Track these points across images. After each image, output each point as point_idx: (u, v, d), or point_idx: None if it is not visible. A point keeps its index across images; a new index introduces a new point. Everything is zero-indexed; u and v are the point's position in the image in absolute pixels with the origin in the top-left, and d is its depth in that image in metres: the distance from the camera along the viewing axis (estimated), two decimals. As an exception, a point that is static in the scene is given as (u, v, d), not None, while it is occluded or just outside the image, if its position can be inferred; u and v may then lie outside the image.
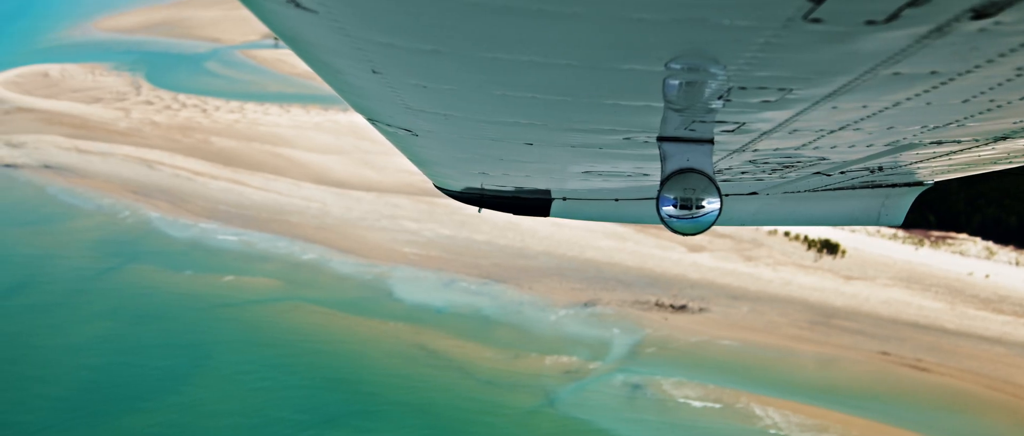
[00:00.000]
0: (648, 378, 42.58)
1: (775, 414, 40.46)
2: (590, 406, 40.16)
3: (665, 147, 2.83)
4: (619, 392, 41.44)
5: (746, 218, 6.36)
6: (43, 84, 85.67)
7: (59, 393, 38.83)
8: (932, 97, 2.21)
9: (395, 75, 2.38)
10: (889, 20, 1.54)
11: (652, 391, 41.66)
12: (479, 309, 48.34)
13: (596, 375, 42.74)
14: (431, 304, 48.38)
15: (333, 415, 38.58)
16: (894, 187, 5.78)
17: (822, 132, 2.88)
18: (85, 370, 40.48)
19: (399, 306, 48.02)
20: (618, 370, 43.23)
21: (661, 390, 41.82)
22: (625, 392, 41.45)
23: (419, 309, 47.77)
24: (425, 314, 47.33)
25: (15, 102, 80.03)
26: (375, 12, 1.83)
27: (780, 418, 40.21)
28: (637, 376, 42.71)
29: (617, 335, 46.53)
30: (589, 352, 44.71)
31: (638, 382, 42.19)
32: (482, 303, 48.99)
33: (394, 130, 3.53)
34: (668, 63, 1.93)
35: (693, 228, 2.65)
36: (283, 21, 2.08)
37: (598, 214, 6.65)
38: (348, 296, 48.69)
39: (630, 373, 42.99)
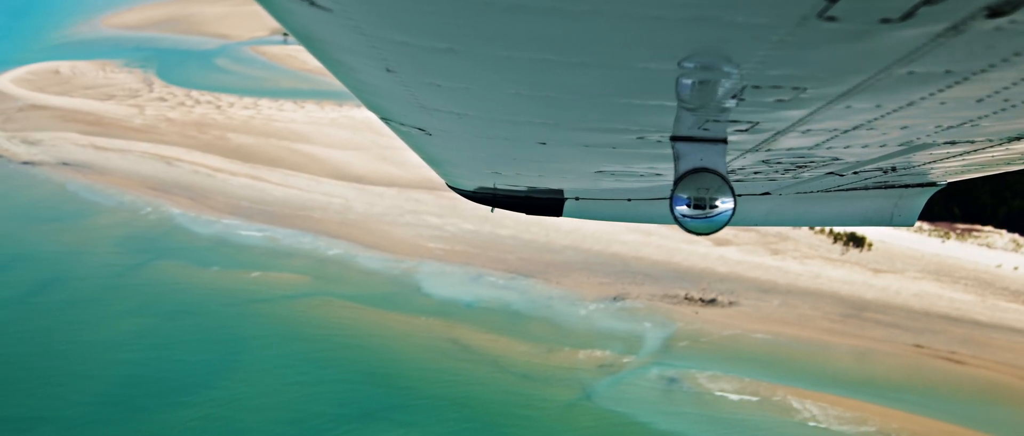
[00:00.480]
0: (683, 372, 42.79)
1: (813, 407, 40.69)
2: (628, 400, 40.38)
3: (678, 147, 2.84)
4: (655, 386, 41.66)
5: (758, 218, 6.40)
6: (54, 81, 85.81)
7: (99, 388, 39.04)
8: (946, 96, 2.20)
9: (409, 73, 2.39)
10: (904, 18, 1.54)
11: (688, 385, 41.88)
12: (508, 303, 48.54)
13: (631, 369, 42.94)
14: (460, 299, 48.58)
15: (372, 409, 38.80)
16: (907, 188, 5.81)
17: (836, 132, 2.89)
18: (123, 365, 40.69)
19: (429, 301, 48.21)
20: (653, 364, 43.44)
21: (697, 384, 42.04)
22: (661, 386, 41.67)
23: (449, 304, 47.97)
24: (455, 309, 47.53)
25: (28, 99, 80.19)
26: (390, 10, 1.84)
27: (818, 411, 40.44)
28: (672, 370, 42.93)
29: (649, 329, 46.74)
30: (622, 346, 44.91)
31: (674, 376, 42.41)
32: (511, 298, 49.18)
33: (407, 129, 3.55)
34: (682, 62, 1.94)
35: (707, 228, 2.66)
36: (298, 19, 2.10)
37: (610, 214, 6.69)
38: (377, 291, 48.88)
39: (665, 367, 43.20)
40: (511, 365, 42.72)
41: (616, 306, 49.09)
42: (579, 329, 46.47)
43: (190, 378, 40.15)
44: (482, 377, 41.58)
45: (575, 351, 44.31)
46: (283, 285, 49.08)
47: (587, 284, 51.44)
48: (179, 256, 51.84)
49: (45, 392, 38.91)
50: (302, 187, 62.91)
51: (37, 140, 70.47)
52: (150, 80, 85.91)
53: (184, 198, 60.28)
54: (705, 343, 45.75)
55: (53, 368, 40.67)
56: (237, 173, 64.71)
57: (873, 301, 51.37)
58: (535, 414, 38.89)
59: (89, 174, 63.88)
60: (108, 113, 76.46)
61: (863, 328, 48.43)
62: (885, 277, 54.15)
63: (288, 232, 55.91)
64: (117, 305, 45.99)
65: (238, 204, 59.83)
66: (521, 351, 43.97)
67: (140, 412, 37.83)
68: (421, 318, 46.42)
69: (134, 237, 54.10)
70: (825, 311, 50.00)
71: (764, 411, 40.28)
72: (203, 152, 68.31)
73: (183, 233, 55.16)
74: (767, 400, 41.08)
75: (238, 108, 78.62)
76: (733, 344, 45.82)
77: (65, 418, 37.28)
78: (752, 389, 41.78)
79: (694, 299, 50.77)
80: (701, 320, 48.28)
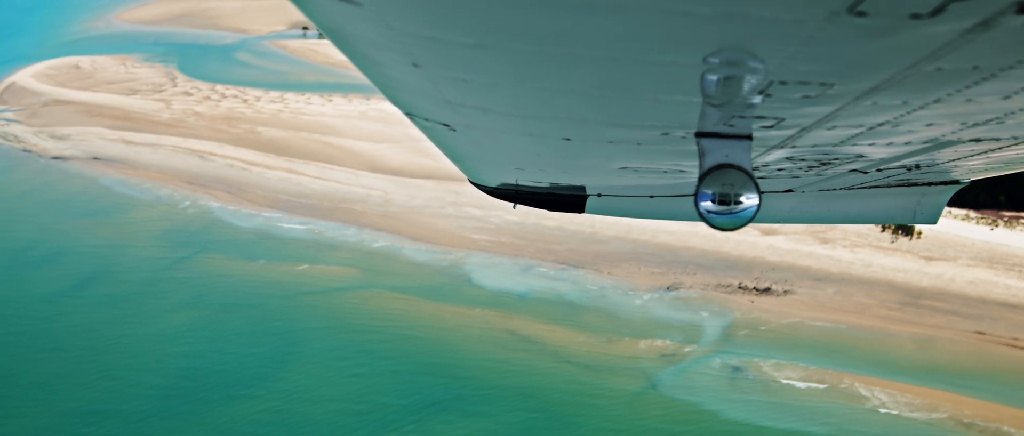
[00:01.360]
0: (747, 360, 42.81)
1: (882, 394, 40.70)
2: (694, 388, 40.41)
3: (704, 143, 2.84)
4: (720, 374, 41.68)
5: (781, 216, 6.42)
6: (76, 76, 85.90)
7: (157, 381, 39.09)
8: (973, 93, 2.20)
9: (436, 68, 2.41)
10: (934, 13, 1.54)
11: (753, 373, 41.90)
12: (562, 294, 48.56)
13: (693, 358, 42.96)
14: (513, 290, 48.60)
15: (435, 399, 38.83)
16: (930, 185, 5.79)
17: (861, 128, 2.90)
18: (179, 358, 40.74)
19: (481, 292, 48.23)
20: (715, 353, 43.46)
21: (762, 372, 42.06)
22: (726, 374, 41.69)
23: (501, 295, 47.99)
24: (508, 300, 47.56)
25: (51, 94, 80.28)
26: (419, 5, 1.86)
27: (887, 398, 40.46)
28: (735, 358, 42.95)
29: (706, 318, 46.75)
30: (682, 335, 44.93)
31: (737, 364, 42.43)
32: (563, 288, 49.20)
33: (432, 124, 3.56)
34: (709, 57, 1.95)
35: (732, 223, 2.65)
36: (326, 13, 2.12)
37: (633, 211, 6.72)
38: (427, 283, 48.92)
39: (727, 355, 43.22)
40: (572, 355, 42.75)
41: (671, 296, 49.11)
42: (636, 319, 46.49)
43: (249, 371, 40.19)
44: (544, 367, 41.60)
45: (635, 341, 44.33)
46: (332, 278, 49.12)
47: (639, 274, 51.46)
48: (223, 249, 51.89)
49: (104, 386, 38.98)
50: (340, 180, 62.94)
51: (65, 135, 70.53)
52: (173, 75, 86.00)
53: (222, 192, 60.32)
54: (765, 331, 45.76)
55: (109, 362, 40.73)
56: (272, 167, 64.75)
57: (928, 289, 51.37)
58: (603, 403, 38.92)
59: (122, 169, 63.93)
60: (134, 108, 76.52)
61: (921, 315, 48.44)
62: (938, 265, 54.14)
63: (330, 225, 55.95)
64: (166, 299, 46.04)
65: (276, 197, 59.88)
66: (580, 341, 43.99)
67: (202, 405, 37.87)
68: (475, 309, 46.44)
69: (176, 231, 54.15)
70: (881, 299, 50.00)
71: (832, 399, 40.29)
72: (235, 146, 68.36)
73: (224, 227, 55.20)
74: (834, 388, 41.09)
75: (265, 102, 78.64)
76: (793, 332, 45.84)
77: (128, 411, 37.33)
78: (818, 377, 41.79)
79: (748, 288, 50.78)
80: (757, 309, 48.29)
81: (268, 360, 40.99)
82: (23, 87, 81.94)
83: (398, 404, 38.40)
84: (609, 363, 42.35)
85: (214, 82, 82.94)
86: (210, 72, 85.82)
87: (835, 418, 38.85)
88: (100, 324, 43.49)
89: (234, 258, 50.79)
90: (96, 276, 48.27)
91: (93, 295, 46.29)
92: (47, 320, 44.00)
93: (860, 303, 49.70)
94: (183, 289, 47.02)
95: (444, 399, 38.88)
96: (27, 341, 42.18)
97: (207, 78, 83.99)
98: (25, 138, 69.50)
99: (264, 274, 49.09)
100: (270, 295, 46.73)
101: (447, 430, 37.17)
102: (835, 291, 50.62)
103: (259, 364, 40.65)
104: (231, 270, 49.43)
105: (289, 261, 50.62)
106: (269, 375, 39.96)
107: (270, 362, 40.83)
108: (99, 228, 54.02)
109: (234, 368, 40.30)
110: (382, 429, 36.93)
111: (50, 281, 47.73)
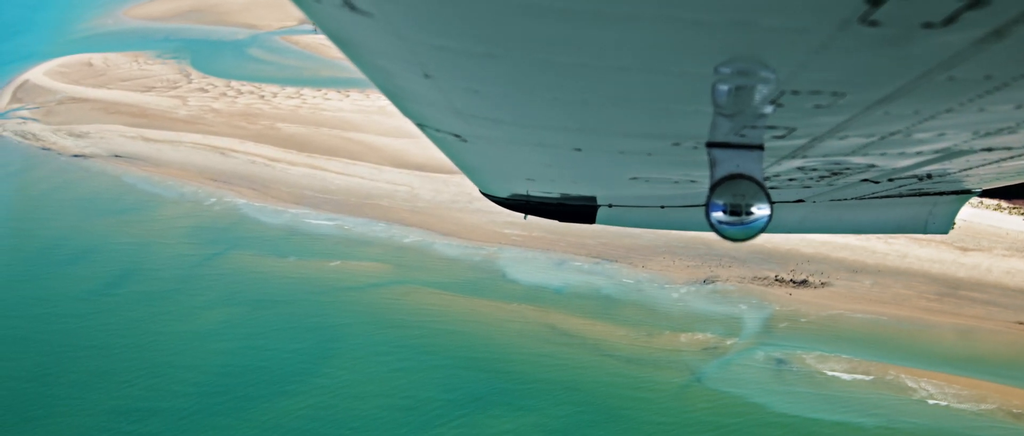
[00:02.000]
0: (790, 353, 43.05)
1: (928, 385, 40.96)
2: (740, 381, 40.65)
3: (715, 153, 2.84)
4: (764, 367, 41.91)
5: (792, 226, 6.44)
6: (89, 73, 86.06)
7: (199, 378, 39.27)
8: (985, 102, 2.22)
9: (447, 78, 2.42)
10: (947, 23, 1.55)
11: (797, 365, 42.13)
12: (598, 288, 48.77)
13: (736, 351, 43.21)
14: (548, 284, 48.81)
15: (481, 393, 39.04)
16: (941, 195, 5.83)
17: (873, 138, 2.91)
18: (219, 355, 40.91)
19: (516, 287, 48.44)
20: (757, 346, 43.70)
21: (806, 364, 42.30)
22: (770, 367, 41.93)
23: (537, 289, 48.20)
24: (545, 294, 47.77)
25: (66, 92, 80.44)
26: (430, 14, 1.87)
27: (934, 389, 40.72)
28: (778, 351, 43.19)
29: (745, 311, 46.99)
30: (722, 328, 45.17)
31: (781, 357, 42.67)
32: (599, 282, 49.42)
33: (443, 135, 3.58)
34: (720, 67, 1.96)
35: (743, 234, 2.66)
36: (337, 23, 2.12)
37: (644, 221, 6.72)
38: (462, 278, 49.13)
39: (770, 348, 43.46)
40: (614, 349, 42.98)
41: (708, 289, 49.34)
42: (675, 312, 46.72)
43: (290, 367, 40.38)
44: (587, 361, 41.82)
45: (676, 334, 44.55)
46: (365, 273, 49.31)
47: (674, 267, 51.68)
48: (253, 246, 52.08)
49: (146, 383, 39.17)
50: (364, 176, 63.13)
51: (84, 133, 70.68)
52: (187, 71, 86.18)
53: (246, 188, 60.49)
54: (805, 324, 46.00)
55: (149, 359, 40.92)
56: (295, 163, 64.95)
57: (966, 279, 51.61)
58: (650, 396, 39.15)
59: (144, 166, 64.09)
60: (151, 105, 76.68)
61: (961, 306, 48.67)
62: (973, 255, 54.39)
63: (359, 221, 56.14)
64: (200, 296, 46.22)
65: (302, 194, 60.07)
66: (621, 335, 44.22)
67: (246, 401, 38.06)
68: (513, 304, 46.65)
69: (203, 228, 54.33)
70: (919, 290, 50.24)
71: (879, 390, 40.54)
72: (256, 142, 68.54)
73: (252, 223, 55.38)
74: (880, 379, 41.34)
75: (282, 98, 78.82)
76: (834, 324, 46.07)
77: (173, 409, 37.52)
78: (863, 369, 42.04)
79: (785, 280, 51.01)
80: (796, 301, 48.52)
81: (309, 356, 41.18)
82: (37, 85, 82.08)
83: (443, 398, 38.61)
84: (652, 356, 42.58)
85: (229, 78, 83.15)
86: (224, 68, 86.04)
87: (884, 409, 39.10)
88: (136, 322, 43.67)
89: (265, 255, 50.98)
90: (128, 274, 48.45)
91: (127, 293, 46.46)
92: (82, 318, 44.19)
93: (898, 294, 49.96)
94: (216, 286, 47.20)
95: (489, 393, 39.10)
96: (64, 339, 42.36)
97: (221, 74, 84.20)
98: (44, 136, 69.65)
99: (297, 271, 49.28)
100: (305, 291, 46.92)
101: (495, 424, 37.40)
102: (872, 283, 50.86)
103: (300, 360, 40.84)
104: (263, 267, 49.63)
105: (320, 257, 50.80)
106: (311, 371, 40.16)
107: (311, 358, 41.03)
108: (127, 226, 54.19)
109: (275, 364, 40.49)
110: (430, 423, 37.15)
111: (82, 279, 47.90)
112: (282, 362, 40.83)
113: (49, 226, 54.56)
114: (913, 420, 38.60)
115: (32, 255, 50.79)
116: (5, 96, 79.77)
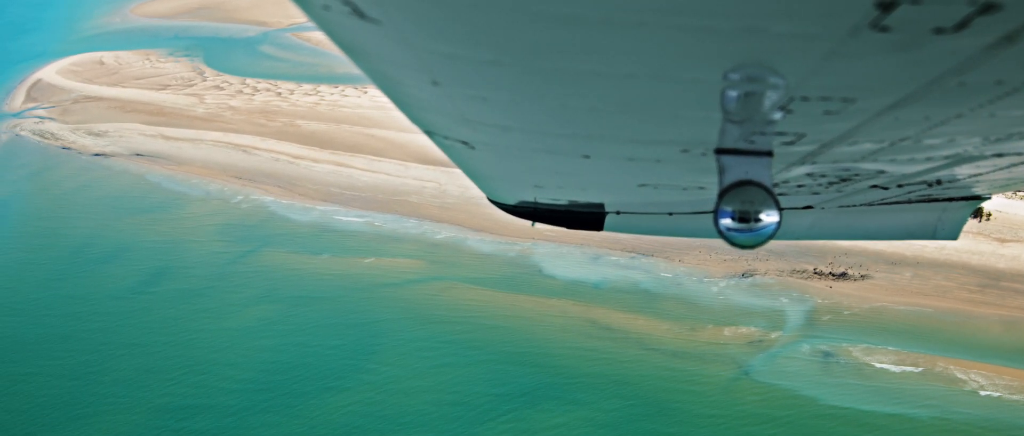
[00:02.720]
0: (836, 346, 43.44)
1: (978, 377, 41.36)
2: (788, 374, 41.02)
3: (723, 159, 2.87)
4: (811, 360, 42.30)
5: (801, 232, 6.52)
6: (102, 72, 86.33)
7: (244, 375, 39.60)
8: (996, 108, 2.24)
9: (455, 86, 2.45)
10: (958, 28, 1.57)
11: (844, 358, 42.52)
12: (636, 283, 49.14)
13: (782, 344, 43.59)
14: (586, 279, 49.17)
15: (529, 389, 39.38)
16: (951, 201, 5.91)
17: (882, 144, 2.94)
18: (262, 352, 41.26)
19: (554, 282, 48.80)
20: (802, 339, 44.09)
21: (853, 357, 42.69)
22: (818, 360, 42.31)
23: (575, 285, 48.56)
24: (584, 289, 48.13)
25: (80, 91, 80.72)
26: (439, 22, 1.90)
27: (985, 381, 41.12)
28: (824, 344, 43.57)
29: (787, 304, 47.38)
30: (765, 322, 45.55)
31: (827, 350, 43.05)
32: (637, 277, 49.79)
33: (451, 142, 3.62)
34: (730, 73, 1.98)
35: (752, 241, 2.67)
36: (345, 31, 2.15)
37: (652, 228, 6.77)
38: (498, 274, 49.47)
39: (815, 341, 43.84)
40: (658, 344, 43.34)
41: (747, 282, 49.73)
42: (716, 306, 47.10)
43: (335, 363, 40.73)
44: (632, 356, 42.18)
45: (719, 328, 44.93)
46: (401, 270, 49.65)
47: (710, 261, 52.07)
48: (284, 244, 52.42)
49: (191, 380, 39.49)
50: (390, 172, 63.44)
51: (102, 131, 70.97)
52: (200, 69, 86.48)
53: (272, 186, 60.82)
54: (849, 316, 46.40)
55: (192, 356, 41.25)
56: (319, 160, 65.27)
57: (1006, 271, 52.05)
58: (699, 389, 39.53)
59: (167, 164, 64.41)
60: (167, 103, 76.97)
61: (1004, 298, 49.11)
62: (1012, 247, 54.84)
63: (389, 218, 56.48)
64: (238, 293, 46.56)
65: (329, 191, 60.39)
66: (664, 329, 44.59)
67: (294, 397, 38.40)
68: (552, 300, 47.01)
69: (233, 226, 54.66)
70: (960, 282, 50.68)
71: (930, 382, 40.93)
72: (277, 140, 68.87)
73: (281, 221, 55.72)
74: (929, 371, 41.73)
75: (299, 95, 79.12)
76: (878, 317, 46.48)
77: (221, 405, 37.84)
78: (911, 361, 42.44)
79: (824, 273, 51.44)
80: (837, 294, 48.93)
81: (353, 352, 41.52)
82: (50, 84, 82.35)
83: (492, 393, 38.95)
84: (697, 350, 42.95)
85: (243, 76, 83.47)
86: (238, 66, 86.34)
87: (936, 401, 39.49)
88: (176, 319, 44.00)
89: (297, 252, 51.32)
90: (163, 272, 48.79)
91: (164, 291, 46.80)
92: (121, 316, 44.53)
93: (940, 286, 50.39)
94: (253, 283, 47.54)
95: (537, 388, 39.45)
96: (106, 337, 42.70)
97: (236, 72, 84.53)
98: (62, 135, 69.94)
99: (331, 267, 49.62)
100: (342, 288, 47.26)
101: (546, 418, 37.75)
102: (912, 275, 51.30)
103: (345, 356, 41.19)
104: (297, 264, 49.96)
105: (354, 254, 51.14)
106: (357, 367, 40.50)
107: (355, 354, 41.37)
108: (156, 224, 54.52)
109: (320, 361, 40.84)
110: (481, 418, 37.50)
111: (117, 278, 48.24)
112: (326, 358, 41.17)
113: (78, 225, 54.89)
114: (967, 411, 39.01)
115: (65, 254, 51.14)
116: (19, 95, 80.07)
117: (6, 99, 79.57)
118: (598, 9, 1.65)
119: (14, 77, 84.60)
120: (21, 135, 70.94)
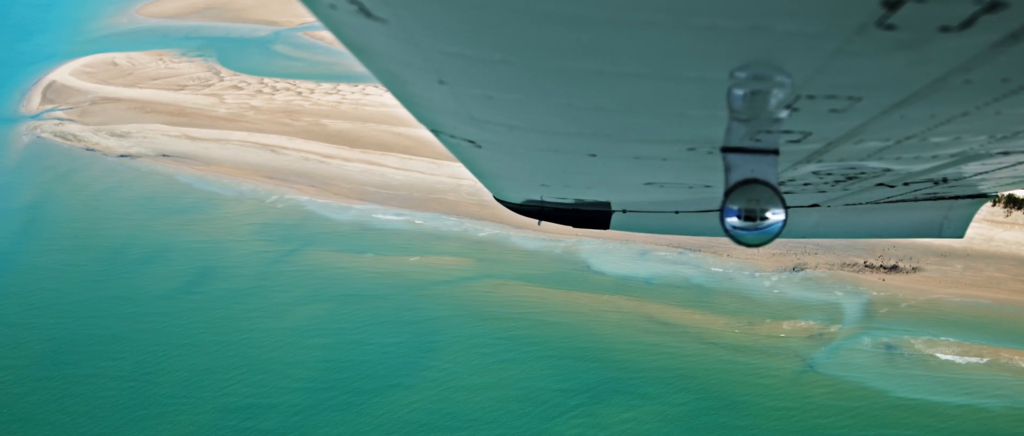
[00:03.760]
0: (897, 338, 43.95)
1: (1044, 366, 41.91)
2: (853, 367, 41.51)
3: (730, 158, 2.92)
4: (875, 352, 42.80)
5: (806, 230, 6.63)
6: (116, 73, 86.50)
7: (305, 373, 39.88)
8: (1002, 106, 2.28)
9: (462, 85, 2.49)
10: (964, 26, 1.60)
11: (907, 350, 43.04)
12: (687, 278, 49.59)
13: (843, 338, 44.08)
14: (636, 275, 49.60)
15: (593, 384, 39.77)
16: (957, 199, 6.02)
17: (888, 142, 2.99)
18: (318, 350, 41.55)
19: (604, 279, 49.22)
20: (862, 332, 44.59)
21: (915, 349, 43.20)
22: (881, 352, 42.81)
23: (626, 281, 48.99)
24: (635, 285, 48.55)
25: (97, 92, 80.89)
26: (446, 21, 1.93)
27: (1051, 370, 41.67)
28: (885, 336, 44.08)
29: (842, 297, 47.90)
30: (823, 315, 46.05)
31: (889, 342, 43.55)
32: (687, 272, 50.24)
33: (457, 141, 3.66)
34: (736, 72, 2.02)
35: (758, 239, 2.71)
36: (352, 30, 2.19)
37: (658, 226, 6.88)
38: (547, 270, 49.88)
39: (876, 334, 44.35)
40: (717, 338, 43.79)
41: (799, 276, 50.25)
42: (771, 301, 47.59)
43: (394, 361, 41.05)
44: (693, 351, 42.62)
45: (777, 322, 45.40)
46: (448, 268, 50.01)
47: (759, 256, 52.56)
48: (326, 243, 52.74)
49: (254, 379, 39.75)
50: (424, 170, 63.80)
51: (125, 133, 71.16)
52: (216, 69, 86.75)
53: (305, 185, 61.13)
54: (906, 309, 46.95)
55: (249, 356, 41.51)
56: (350, 159, 65.62)
57: (1057, 262, 52.84)
58: (765, 382, 39.98)
59: (195, 165, 64.63)
60: (187, 103, 77.20)
61: (1058, 289, 49.86)
62: (1061, 238, 55.66)
63: (428, 216, 56.84)
64: (287, 293, 46.86)
65: (364, 190, 60.73)
66: (722, 324, 45.04)
67: (358, 395, 38.69)
68: (605, 296, 47.42)
69: (271, 225, 54.94)
70: (1012, 273, 51.36)
71: (996, 373, 41.47)
72: (304, 139, 69.20)
73: (320, 220, 56.04)
74: (995, 362, 42.28)
75: (320, 94, 79.49)
76: (934, 308, 47.05)
77: (285, 404, 38.11)
78: (975, 352, 42.98)
79: (875, 266, 52.02)
80: (890, 286, 49.51)
81: (411, 350, 41.85)
82: (65, 85, 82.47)
83: (556, 389, 39.33)
84: (758, 344, 43.41)
85: (260, 75, 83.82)
86: (253, 65, 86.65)
87: (1006, 391, 40.03)
88: (227, 319, 44.25)
89: (341, 251, 51.65)
90: (208, 272, 49.03)
91: (210, 291, 47.05)
92: (172, 317, 44.77)
93: (992, 277, 51.05)
94: (300, 283, 47.84)
95: (601, 383, 39.85)
96: (159, 338, 42.93)
97: (252, 71, 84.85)
98: (85, 137, 70.12)
99: (377, 266, 49.95)
100: (391, 286, 47.60)
101: (615, 413, 38.14)
102: (964, 267, 51.94)
103: (403, 354, 41.51)
104: (342, 263, 50.28)
105: (398, 253, 51.48)
106: (417, 364, 40.82)
107: (414, 352, 41.70)
108: (192, 224, 54.76)
109: (379, 359, 41.15)
110: (549, 414, 37.87)
111: (161, 278, 48.47)
112: (385, 356, 41.48)
113: (113, 226, 55.07)
114: (1038, 400, 39.58)
115: (105, 255, 51.34)
116: (35, 97, 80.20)
117: (22, 101, 79.70)
118: (605, 9, 1.69)
119: (27, 79, 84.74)
120: (42, 137, 71.09)
